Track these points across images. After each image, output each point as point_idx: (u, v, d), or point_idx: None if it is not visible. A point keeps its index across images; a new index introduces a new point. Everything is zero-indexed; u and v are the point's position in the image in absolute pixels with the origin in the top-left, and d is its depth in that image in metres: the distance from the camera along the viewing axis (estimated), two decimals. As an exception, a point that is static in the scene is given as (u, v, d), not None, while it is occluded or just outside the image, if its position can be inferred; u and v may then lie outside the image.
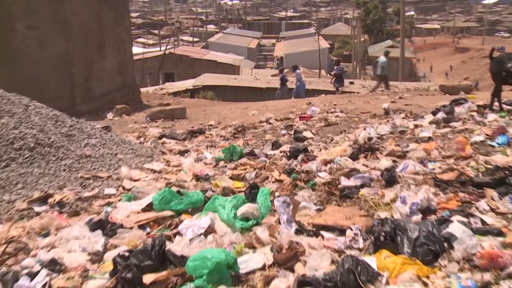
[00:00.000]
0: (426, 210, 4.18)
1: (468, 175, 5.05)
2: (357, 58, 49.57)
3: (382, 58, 19.18)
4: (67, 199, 5.08)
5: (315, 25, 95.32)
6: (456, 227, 3.61)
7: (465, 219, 3.93)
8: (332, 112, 11.25)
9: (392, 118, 9.37)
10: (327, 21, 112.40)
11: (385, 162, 5.81)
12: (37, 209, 4.84)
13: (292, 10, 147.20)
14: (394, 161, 5.95)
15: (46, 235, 4.28)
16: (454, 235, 3.52)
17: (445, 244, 3.49)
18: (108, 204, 5.07)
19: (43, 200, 4.99)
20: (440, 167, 5.50)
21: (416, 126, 8.15)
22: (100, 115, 15.07)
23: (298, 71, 19.81)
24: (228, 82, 26.14)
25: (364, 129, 8.19)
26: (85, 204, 5.08)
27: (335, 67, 20.83)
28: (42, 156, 5.83)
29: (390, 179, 5.05)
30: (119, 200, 5.11)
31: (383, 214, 4.22)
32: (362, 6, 66.43)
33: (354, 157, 6.34)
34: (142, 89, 22.02)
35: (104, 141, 6.99)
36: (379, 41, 59.77)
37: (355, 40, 53.07)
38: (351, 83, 26.30)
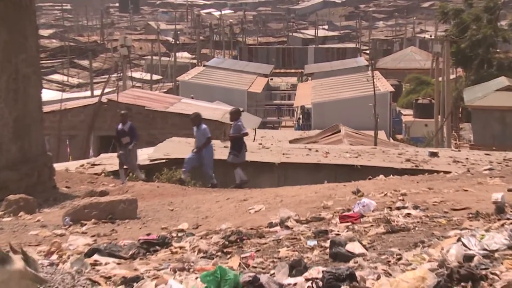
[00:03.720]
0: None
1: None
2: (443, 109, 49.96)
3: None
4: None
5: (367, 52, 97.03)
6: None
7: None
8: (398, 209, 11.26)
9: (511, 221, 9.37)
10: (389, 44, 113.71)
11: (498, 302, 5.80)
12: None
13: (326, 27, 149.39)
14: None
15: None
16: None
17: None
18: None
19: None
20: None
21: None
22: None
23: None
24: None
25: (459, 239, 8.18)
26: None
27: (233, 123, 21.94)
28: None
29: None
30: None
31: None
32: (452, 18, 66.59)
33: (440, 291, 6.32)
34: (57, 165, 22.19)
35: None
36: (483, 79, 60.00)
37: (440, 78, 53.75)
38: (433, 154, 26.42)
